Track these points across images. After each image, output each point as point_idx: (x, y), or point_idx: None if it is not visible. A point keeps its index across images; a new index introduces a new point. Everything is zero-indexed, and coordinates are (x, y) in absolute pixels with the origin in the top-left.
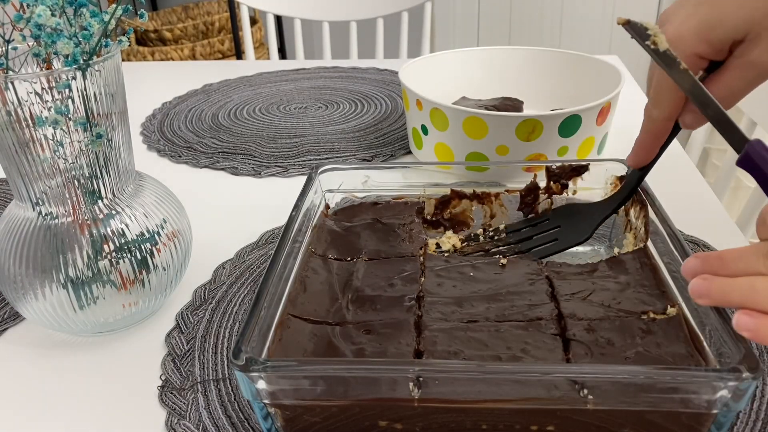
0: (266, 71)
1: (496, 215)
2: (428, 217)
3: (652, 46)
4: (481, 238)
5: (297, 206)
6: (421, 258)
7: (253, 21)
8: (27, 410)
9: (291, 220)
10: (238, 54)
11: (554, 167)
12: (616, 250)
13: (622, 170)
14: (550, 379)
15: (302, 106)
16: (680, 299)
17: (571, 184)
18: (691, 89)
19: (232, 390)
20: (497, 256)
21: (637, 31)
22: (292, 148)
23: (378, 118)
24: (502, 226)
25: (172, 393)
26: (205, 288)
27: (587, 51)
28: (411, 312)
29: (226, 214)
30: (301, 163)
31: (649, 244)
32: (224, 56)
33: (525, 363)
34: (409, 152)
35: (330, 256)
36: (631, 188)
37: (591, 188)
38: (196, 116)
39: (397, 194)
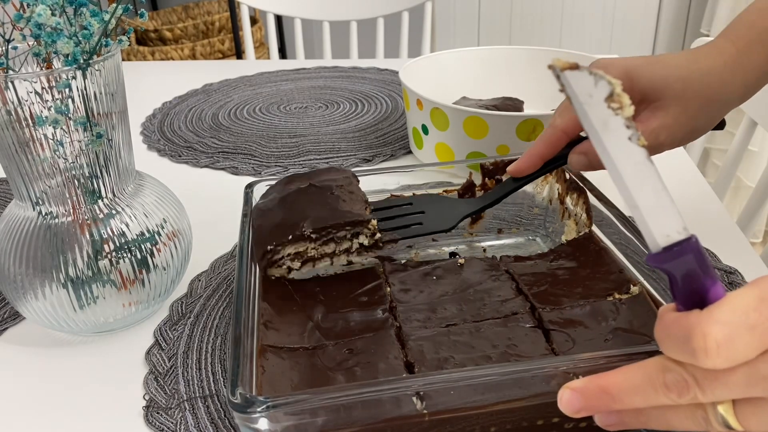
0: (266, 71)
1: None
2: None
3: (617, 109)
4: None
5: (243, 230)
6: (381, 266)
7: (254, 21)
8: (27, 410)
9: (242, 248)
10: (239, 54)
11: (488, 164)
12: (563, 238)
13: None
14: (552, 373)
15: (302, 106)
16: (640, 277)
17: (504, 178)
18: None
19: (221, 407)
20: (456, 257)
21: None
22: (292, 147)
23: (378, 117)
24: None
25: (158, 412)
26: (182, 302)
27: (587, 51)
28: (388, 324)
29: (223, 216)
30: (301, 162)
31: (594, 228)
32: (224, 56)
33: (533, 361)
34: (410, 152)
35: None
36: (502, 194)
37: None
38: (196, 116)
39: None
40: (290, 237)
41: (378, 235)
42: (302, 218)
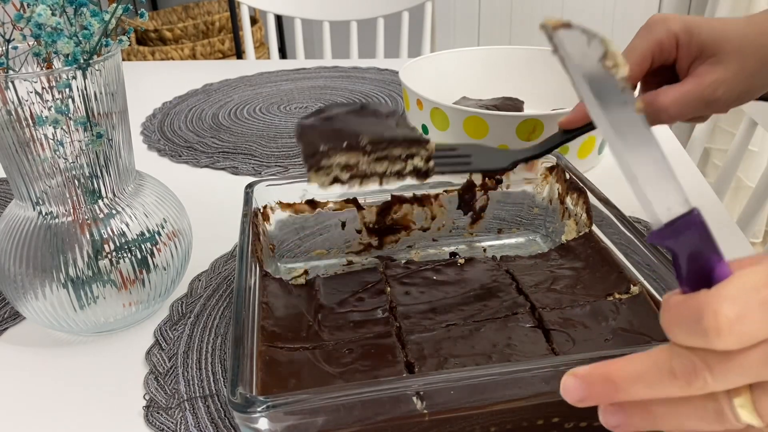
0: (266, 71)
1: (436, 216)
2: (370, 225)
3: (611, 68)
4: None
5: (243, 230)
6: (381, 268)
7: (254, 21)
8: (27, 410)
9: (242, 248)
10: (239, 54)
11: None
12: (563, 238)
13: (553, 163)
14: (552, 373)
15: (302, 106)
16: (640, 277)
17: (504, 178)
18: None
19: (221, 407)
20: (456, 257)
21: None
22: (292, 147)
23: None
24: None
25: (158, 412)
26: (182, 302)
27: None
28: (389, 325)
29: (224, 216)
30: (301, 162)
31: (594, 228)
32: (224, 56)
33: (533, 361)
34: None
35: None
36: (553, 145)
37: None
38: (196, 116)
39: (338, 206)
40: (345, 144)
41: (432, 162)
42: (358, 131)
